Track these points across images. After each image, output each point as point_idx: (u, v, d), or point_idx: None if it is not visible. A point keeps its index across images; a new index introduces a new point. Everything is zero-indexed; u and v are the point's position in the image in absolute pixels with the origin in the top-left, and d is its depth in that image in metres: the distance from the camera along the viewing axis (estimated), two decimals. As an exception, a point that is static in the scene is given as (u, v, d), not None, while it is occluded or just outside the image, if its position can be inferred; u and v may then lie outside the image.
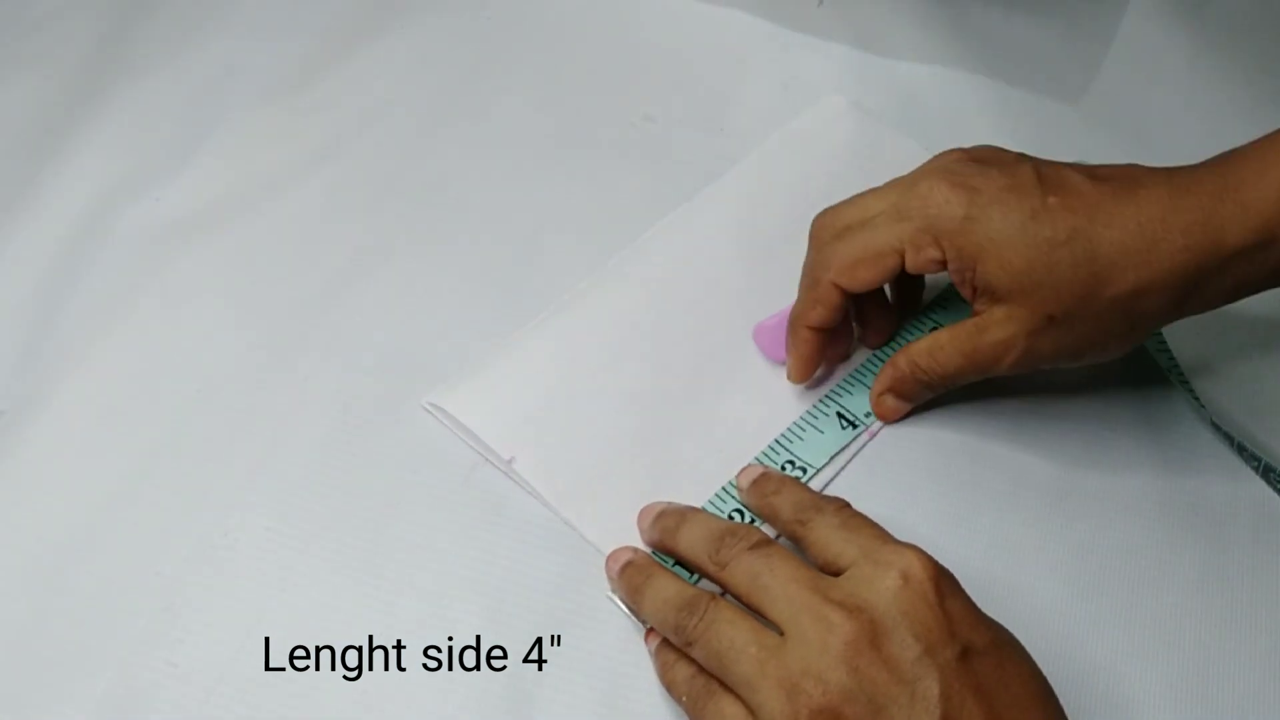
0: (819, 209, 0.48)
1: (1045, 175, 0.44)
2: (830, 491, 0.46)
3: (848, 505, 0.41)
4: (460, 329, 0.51)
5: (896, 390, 0.47)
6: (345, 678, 0.41)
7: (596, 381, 0.49)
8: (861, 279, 0.45)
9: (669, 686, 0.40)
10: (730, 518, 0.44)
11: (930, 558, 0.37)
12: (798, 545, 0.40)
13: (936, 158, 0.46)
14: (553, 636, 0.42)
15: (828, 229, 0.46)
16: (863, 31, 0.64)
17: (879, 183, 0.47)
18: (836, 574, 0.38)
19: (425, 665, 0.42)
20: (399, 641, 0.42)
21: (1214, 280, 0.42)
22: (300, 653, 0.42)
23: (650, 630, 0.41)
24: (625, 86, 0.62)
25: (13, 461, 0.47)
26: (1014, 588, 0.43)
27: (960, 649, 0.35)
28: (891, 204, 0.45)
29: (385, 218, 0.56)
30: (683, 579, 0.41)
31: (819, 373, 0.48)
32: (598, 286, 0.52)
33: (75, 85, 0.61)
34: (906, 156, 0.58)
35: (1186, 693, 0.41)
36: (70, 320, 0.51)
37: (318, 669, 0.41)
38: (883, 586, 0.36)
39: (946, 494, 0.46)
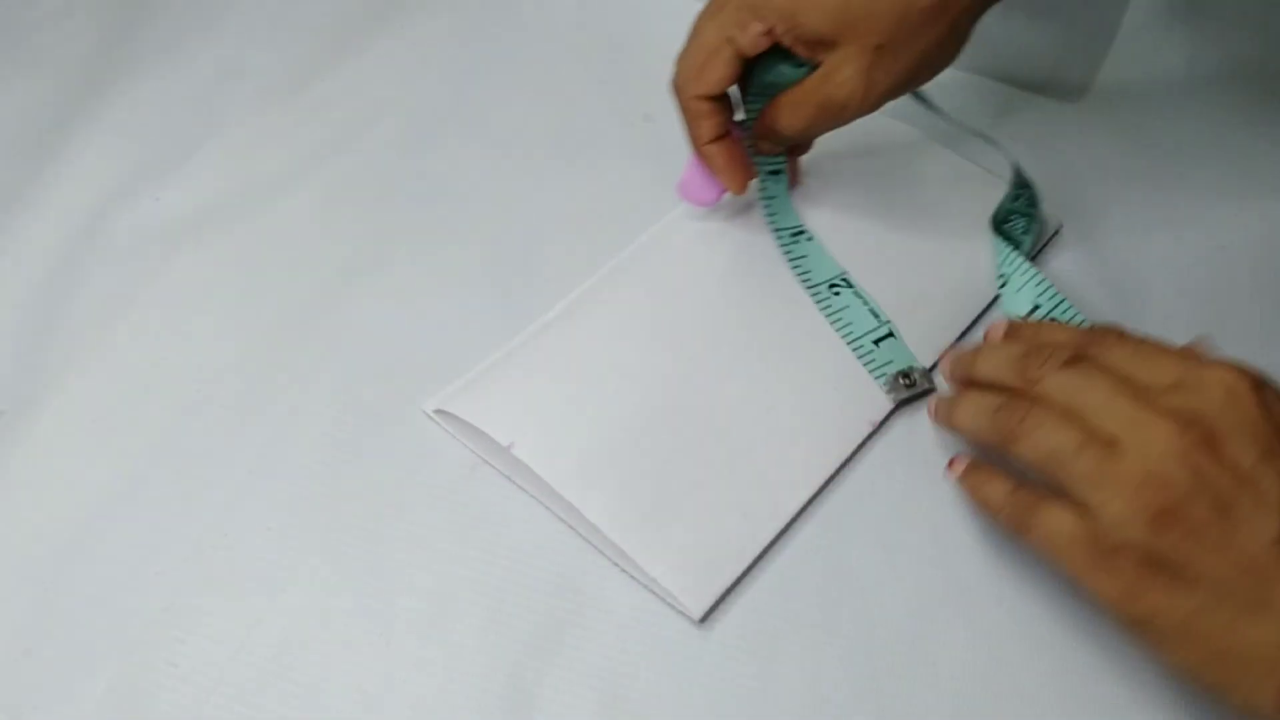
0: (821, 200, 0.48)
1: None
2: (849, 476, 0.46)
3: (1125, 330, 0.41)
4: (460, 328, 0.51)
5: (760, 142, 0.51)
6: (345, 678, 0.41)
7: (598, 376, 0.48)
8: (712, 78, 0.48)
9: (984, 504, 0.41)
10: None
11: (1249, 369, 0.37)
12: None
13: None
14: (553, 636, 0.42)
15: (675, 68, 0.50)
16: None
17: (879, 172, 0.48)
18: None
19: (425, 665, 0.42)
20: (399, 642, 0.42)
21: None
22: (300, 653, 0.42)
23: (953, 461, 0.43)
24: (625, 86, 0.62)
25: (13, 461, 0.47)
26: (1015, 588, 0.43)
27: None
28: (705, 5, 0.48)
29: (385, 218, 0.56)
30: (1017, 340, 0.43)
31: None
32: (598, 287, 0.52)
33: (75, 85, 0.61)
34: (904, 141, 0.58)
35: (1188, 695, 0.41)
36: (70, 320, 0.51)
37: (318, 670, 0.41)
38: (1211, 397, 0.36)
39: (947, 496, 0.46)
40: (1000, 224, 0.53)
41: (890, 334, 0.50)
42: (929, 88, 0.50)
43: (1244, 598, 0.34)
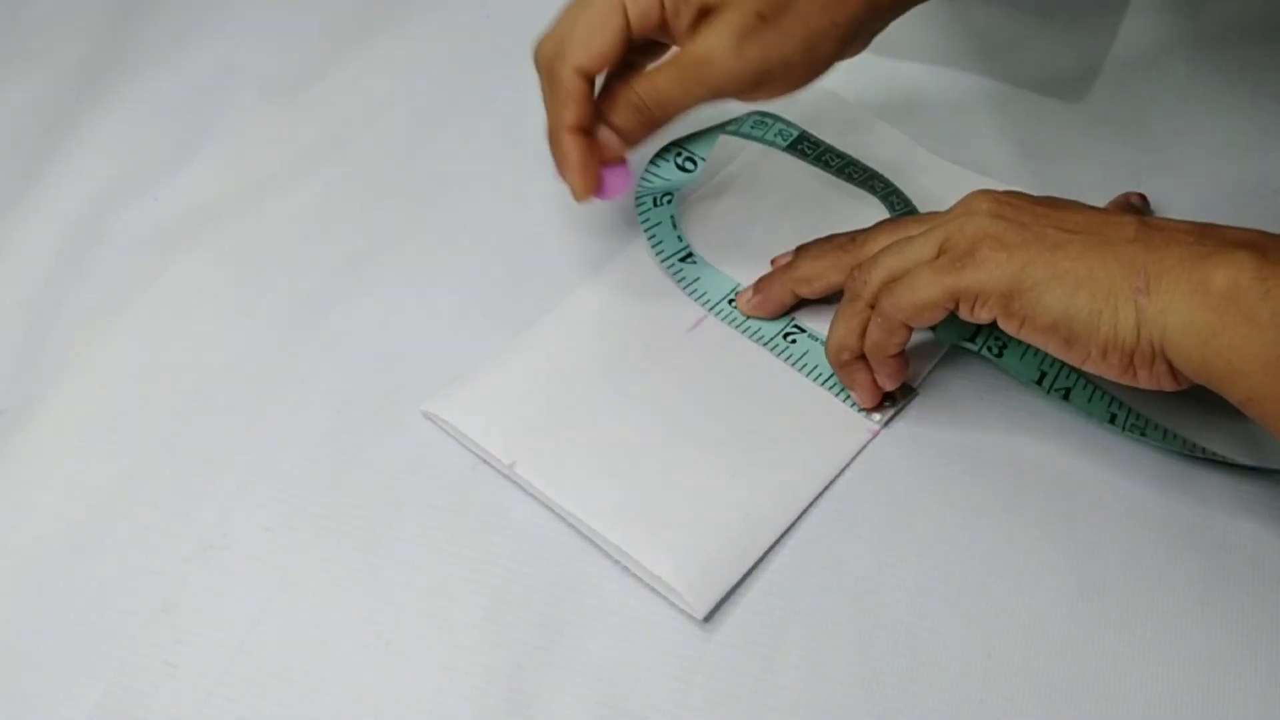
0: (816, 199, 0.48)
1: None
2: (850, 475, 0.46)
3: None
4: (459, 328, 0.51)
5: (610, 118, 0.47)
6: (345, 678, 0.41)
7: (597, 381, 0.49)
8: (596, 49, 0.45)
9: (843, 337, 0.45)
10: None
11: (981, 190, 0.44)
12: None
13: None
14: (553, 636, 0.42)
15: (544, 39, 0.47)
16: (863, 31, 0.63)
17: (873, 171, 0.47)
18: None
19: (425, 665, 0.41)
20: (399, 642, 0.42)
21: None
22: (300, 653, 0.42)
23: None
24: (625, 86, 0.62)
25: (13, 461, 0.47)
26: (1016, 588, 0.43)
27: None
28: None
29: (385, 218, 0.56)
30: (830, 251, 0.48)
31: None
32: (596, 288, 0.52)
33: (75, 85, 0.61)
34: (894, 146, 0.58)
35: (1189, 695, 0.41)
36: (70, 320, 0.51)
37: (318, 669, 0.41)
38: (978, 201, 0.43)
39: (947, 496, 0.46)
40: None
41: None
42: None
43: (1086, 239, 0.40)
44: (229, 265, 0.54)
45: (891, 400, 0.48)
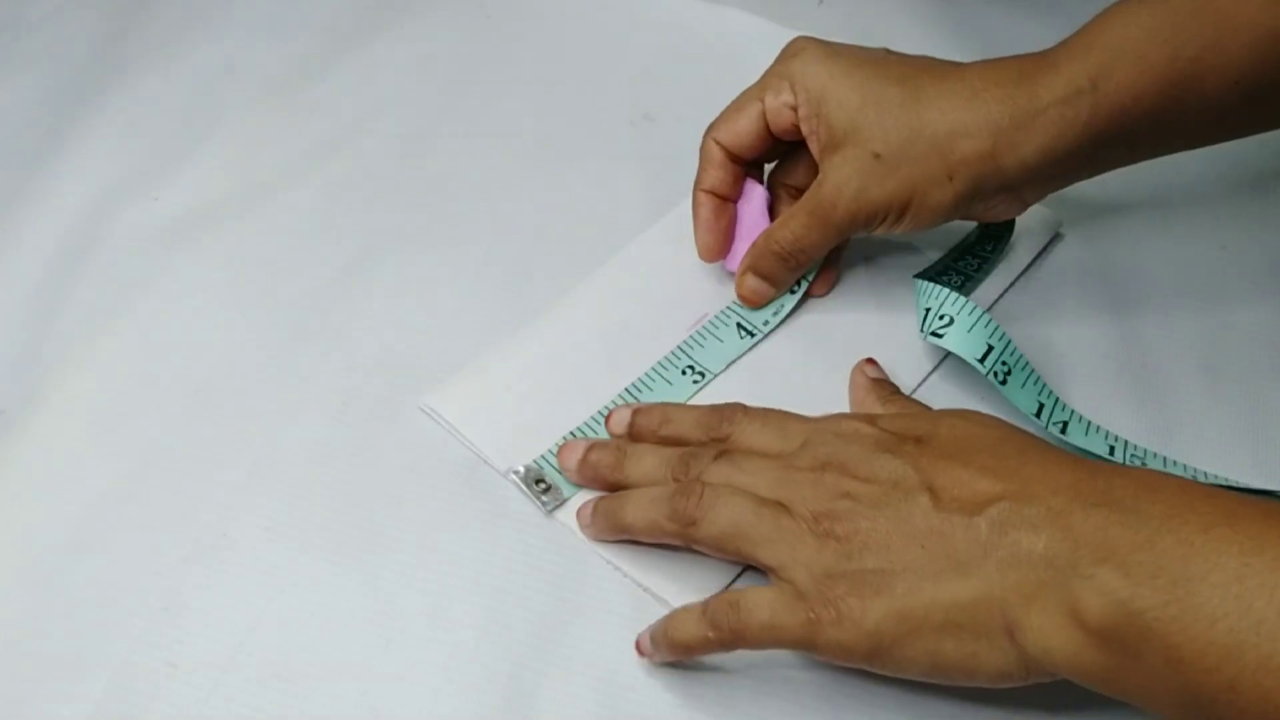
0: None
1: (893, 51, 0.49)
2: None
3: (745, 406, 0.44)
4: (460, 328, 0.51)
5: (756, 268, 0.50)
6: (345, 678, 0.41)
7: (594, 385, 0.48)
8: (733, 127, 0.49)
9: (688, 645, 0.39)
10: None
11: (853, 413, 0.44)
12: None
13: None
14: (553, 636, 0.42)
15: None
16: (863, 31, 0.63)
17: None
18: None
19: (425, 665, 0.41)
20: (399, 642, 0.42)
21: (1026, 129, 0.45)
22: (300, 653, 0.42)
23: (639, 642, 0.41)
24: (625, 86, 0.62)
25: (13, 461, 0.47)
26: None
27: (914, 441, 0.40)
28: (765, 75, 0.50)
29: (385, 217, 0.56)
30: (663, 449, 0.44)
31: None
32: (595, 287, 0.52)
33: (75, 85, 0.61)
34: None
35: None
36: (70, 320, 0.51)
37: (318, 669, 0.41)
38: (830, 440, 0.41)
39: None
40: (950, 265, 0.52)
41: None
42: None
43: (934, 565, 0.36)
44: (229, 265, 0.54)
45: (545, 488, 0.45)
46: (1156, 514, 0.34)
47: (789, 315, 0.51)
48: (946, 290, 0.48)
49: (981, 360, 0.46)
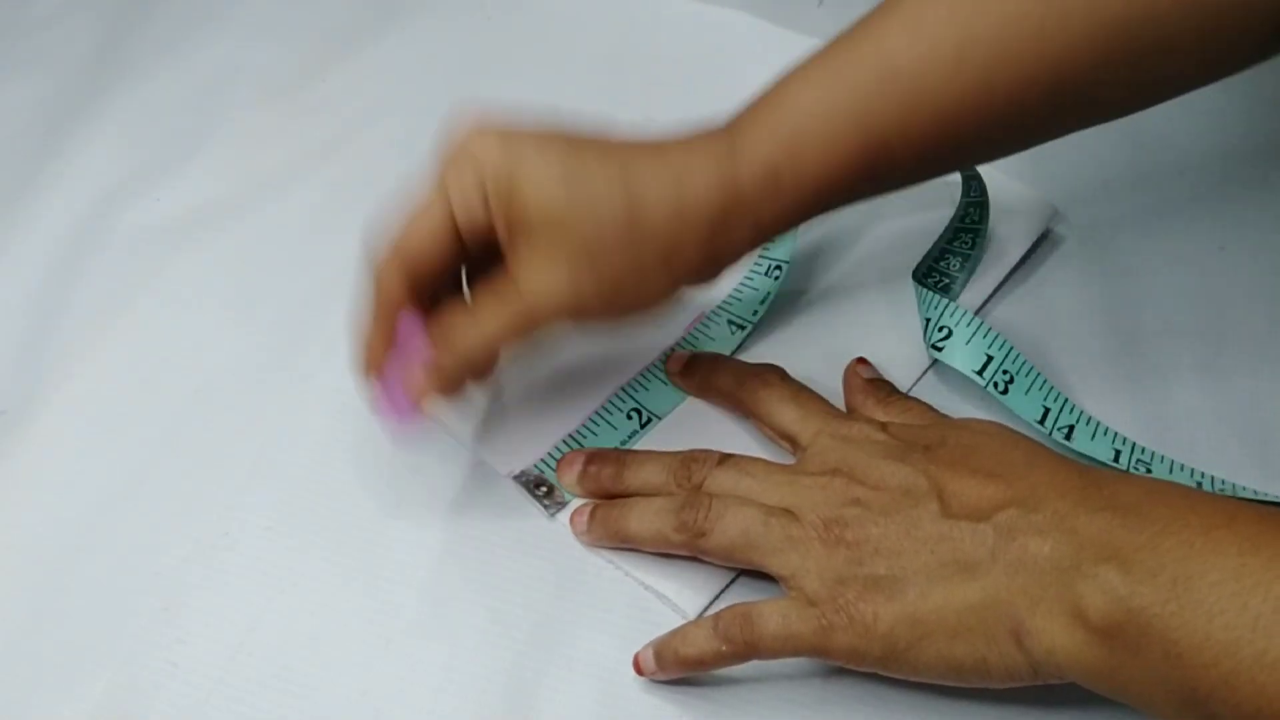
0: None
1: (574, 128, 0.42)
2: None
3: (785, 373, 0.45)
4: (460, 329, 0.51)
5: (444, 385, 0.41)
6: (345, 678, 0.41)
7: (594, 386, 0.49)
8: (413, 241, 0.41)
9: (699, 662, 0.39)
10: None
11: (869, 418, 0.43)
12: (746, 415, 0.46)
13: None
14: (553, 636, 0.42)
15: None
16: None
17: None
18: (793, 442, 0.44)
19: (425, 665, 0.42)
20: (399, 642, 0.42)
21: (736, 218, 0.40)
22: (300, 653, 0.42)
23: (637, 660, 0.41)
24: (626, 86, 0.62)
25: (13, 461, 0.47)
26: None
27: (922, 449, 0.40)
28: (436, 167, 0.42)
29: (385, 217, 0.56)
30: (662, 456, 0.44)
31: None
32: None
33: (75, 85, 0.61)
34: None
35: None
36: (70, 320, 0.51)
37: (318, 669, 0.41)
38: (842, 449, 0.41)
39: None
40: (932, 267, 0.51)
41: None
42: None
43: (944, 570, 0.37)
44: (230, 265, 0.54)
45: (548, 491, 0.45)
46: (1159, 517, 0.34)
47: (778, 304, 0.50)
48: (945, 300, 0.48)
49: (980, 372, 0.46)
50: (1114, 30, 0.39)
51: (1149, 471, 0.45)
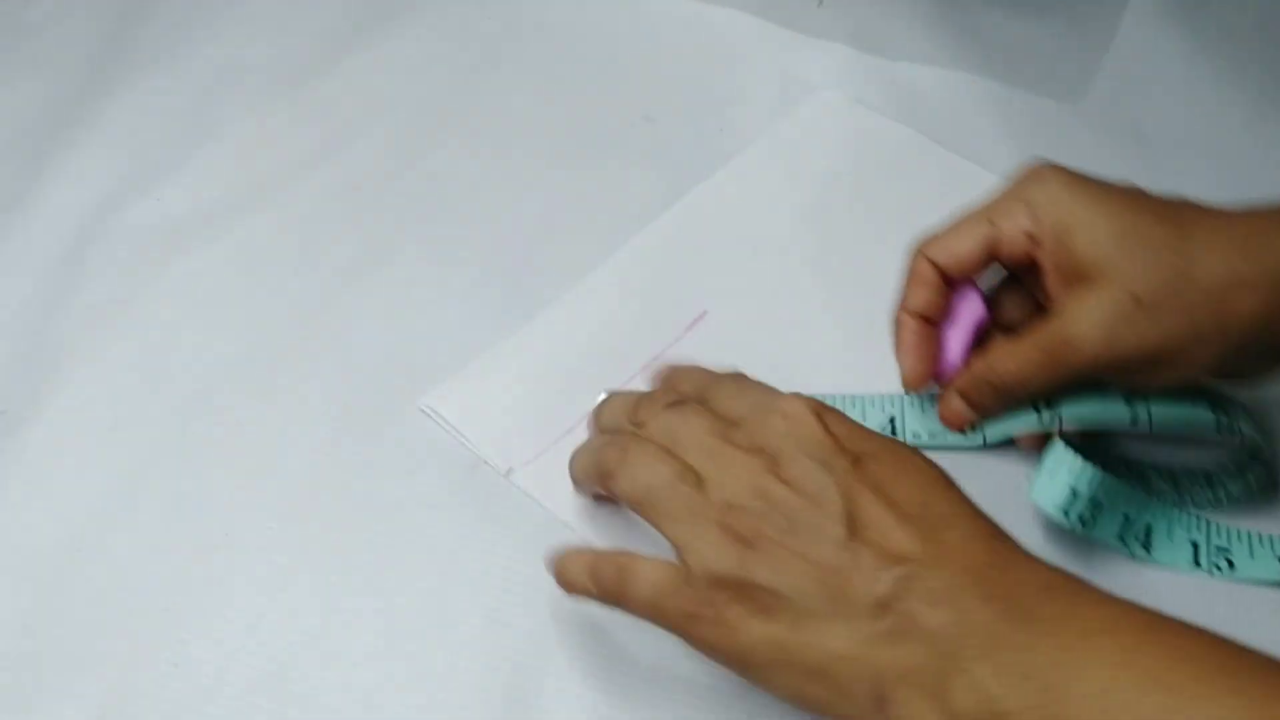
0: (815, 202, 0.47)
1: (1140, 190, 0.44)
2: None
3: (743, 374, 0.42)
4: (460, 329, 0.51)
5: (967, 392, 0.45)
6: (345, 678, 0.41)
7: (594, 384, 0.48)
8: (950, 247, 0.44)
9: (570, 586, 0.39)
10: None
11: (808, 398, 0.39)
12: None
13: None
14: (553, 636, 0.42)
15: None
16: (863, 31, 0.64)
17: (877, 173, 0.46)
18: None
19: (425, 665, 0.42)
20: (399, 642, 0.42)
21: None
22: (300, 653, 0.42)
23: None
24: (625, 86, 0.62)
25: (13, 462, 0.47)
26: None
27: (851, 458, 0.37)
28: (995, 193, 0.45)
29: (385, 218, 0.56)
30: (634, 393, 0.43)
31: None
32: (594, 286, 0.52)
33: (75, 85, 0.61)
34: (905, 145, 0.58)
35: None
36: (70, 320, 0.51)
37: (318, 670, 0.41)
38: (773, 425, 0.38)
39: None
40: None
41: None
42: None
43: (825, 605, 0.35)
44: (230, 264, 0.54)
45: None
46: (1046, 615, 0.33)
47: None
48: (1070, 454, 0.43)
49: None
50: None
51: (1230, 563, 0.43)
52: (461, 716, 0.41)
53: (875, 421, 0.47)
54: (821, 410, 0.38)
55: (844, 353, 0.50)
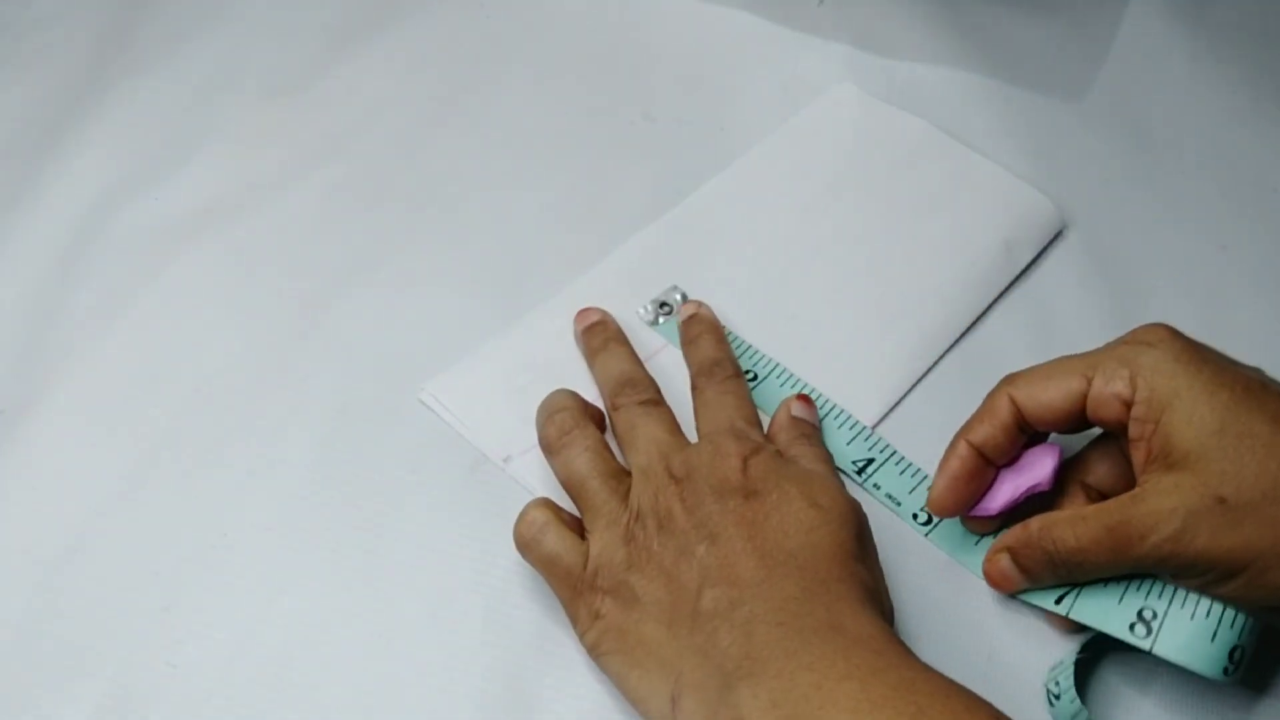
0: (829, 196, 0.46)
1: (1269, 377, 0.40)
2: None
3: (738, 375, 0.46)
4: (459, 328, 0.51)
5: (1017, 553, 0.41)
6: (345, 678, 0.41)
7: (591, 375, 0.49)
8: (1038, 396, 0.41)
9: (519, 519, 0.43)
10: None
11: (748, 440, 0.42)
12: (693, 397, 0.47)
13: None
14: (553, 636, 0.42)
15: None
16: (863, 31, 0.64)
17: (891, 165, 0.46)
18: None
19: (425, 665, 0.42)
20: (399, 642, 0.42)
21: None
22: (300, 653, 0.42)
23: None
24: (625, 85, 0.62)
25: (13, 461, 0.47)
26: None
27: (746, 494, 0.40)
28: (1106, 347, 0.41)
29: (385, 217, 0.56)
30: (634, 360, 0.48)
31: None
32: (592, 282, 0.52)
33: (75, 85, 0.61)
34: (918, 136, 0.58)
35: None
36: (70, 320, 0.51)
37: (318, 669, 0.41)
38: (702, 454, 0.41)
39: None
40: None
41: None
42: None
43: (666, 611, 0.39)
44: (229, 264, 0.54)
45: None
46: (814, 651, 0.35)
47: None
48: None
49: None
50: None
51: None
52: (461, 716, 0.41)
53: (854, 452, 0.47)
54: (754, 452, 0.41)
55: (847, 348, 0.50)
